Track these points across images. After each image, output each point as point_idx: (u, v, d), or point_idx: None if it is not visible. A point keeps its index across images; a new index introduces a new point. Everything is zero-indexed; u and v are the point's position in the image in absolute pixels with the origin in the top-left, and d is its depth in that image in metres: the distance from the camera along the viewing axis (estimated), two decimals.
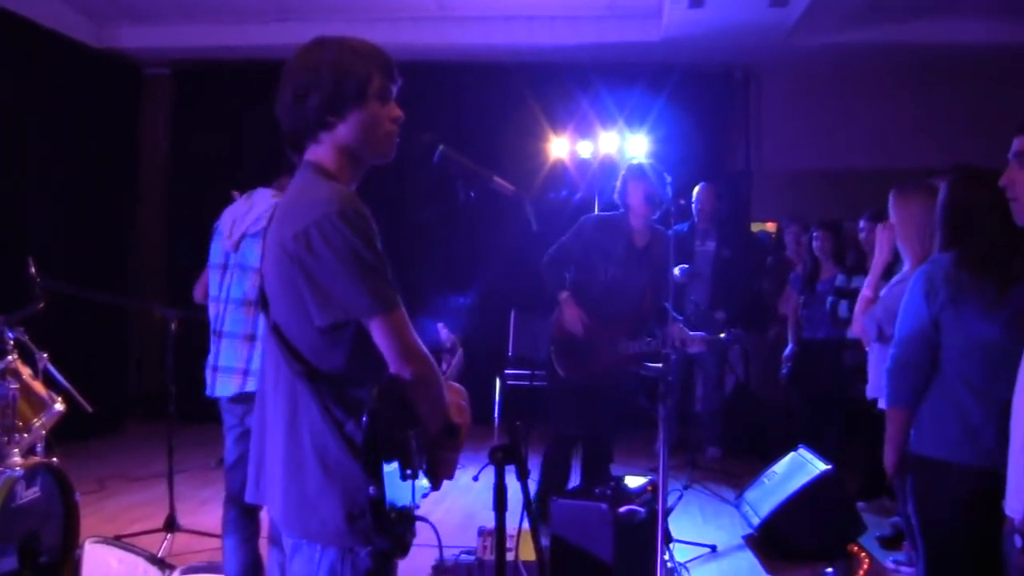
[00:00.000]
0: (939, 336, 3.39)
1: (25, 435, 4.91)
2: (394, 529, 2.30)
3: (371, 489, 2.25)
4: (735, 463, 8.11)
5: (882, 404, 4.70)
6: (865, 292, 4.65)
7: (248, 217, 4.53)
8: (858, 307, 4.65)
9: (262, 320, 4.53)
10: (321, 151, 2.49)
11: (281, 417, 2.41)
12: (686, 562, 5.77)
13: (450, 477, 2.57)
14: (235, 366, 4.46)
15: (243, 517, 4.57)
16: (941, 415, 3.39)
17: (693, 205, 8.49)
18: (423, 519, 2.43)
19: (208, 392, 4.56)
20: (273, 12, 9.13)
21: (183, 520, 5.88)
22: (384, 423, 2.27)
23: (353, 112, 2.45)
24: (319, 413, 2.33)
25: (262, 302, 2.51)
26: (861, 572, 5.60)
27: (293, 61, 2.50)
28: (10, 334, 5.06)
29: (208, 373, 4.55)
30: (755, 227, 10.26)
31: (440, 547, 2.87)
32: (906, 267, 4.41)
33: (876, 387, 4.61)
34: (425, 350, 2.38)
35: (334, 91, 2.43)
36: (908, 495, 3.54)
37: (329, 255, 2.27)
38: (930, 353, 3.42)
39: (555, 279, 5.81)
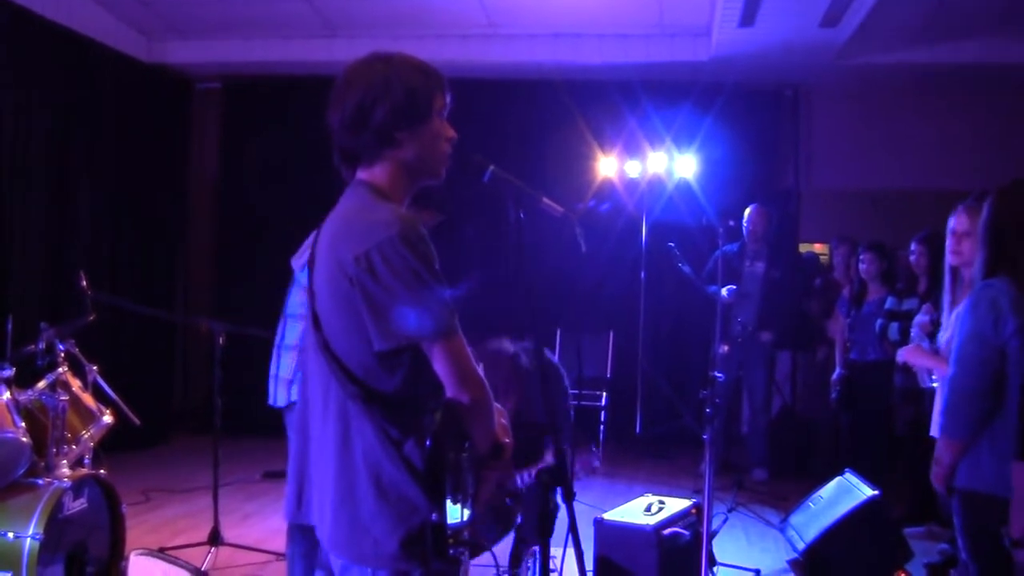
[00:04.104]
0: (1005, 366, 3.23)
1: (74, 446, 4.97)
2: (450, 552, 2.28)
3: (434, 515, 2.24)
4: (781, 485, 8.02)
5: (934, 431, 4.61)
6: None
7: None
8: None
9: (298, 330, 4.57)
10: (378, 169, 2.46)
11: (331, 438, 2.38)
12: None
13: (488, 496, 2.56)
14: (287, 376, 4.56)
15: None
16: (1003, 451, 3.24)
17: (744, 226, 8.43)
18: (481, 544, 2.42)
19: (270, 402, 4.67)
20: (320, 28, 9.21)
21: (227, 533, 5.90)
22: (445, 447, 2.27)
23: (419, 128, 2.43)
24: (373, 435, 2.30)
25: (313, 319, 2.45)
26: None
27: (353, 74, 2.45)
28: (61, 346, 5.12)
29: (271, 384, 4.66)
30: (803, 247, 10.19)
31: (497, 566, 2.86)
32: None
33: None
34: (481, 374, 2.36)
35: (404, 105, 2.40)
36: (960, 530, 3.43)
37: (392, 280, 2.25)
38: (996, 383, 3.26)
39: None
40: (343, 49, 8.99)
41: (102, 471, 5.03)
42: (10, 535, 4.32)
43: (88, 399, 5.24)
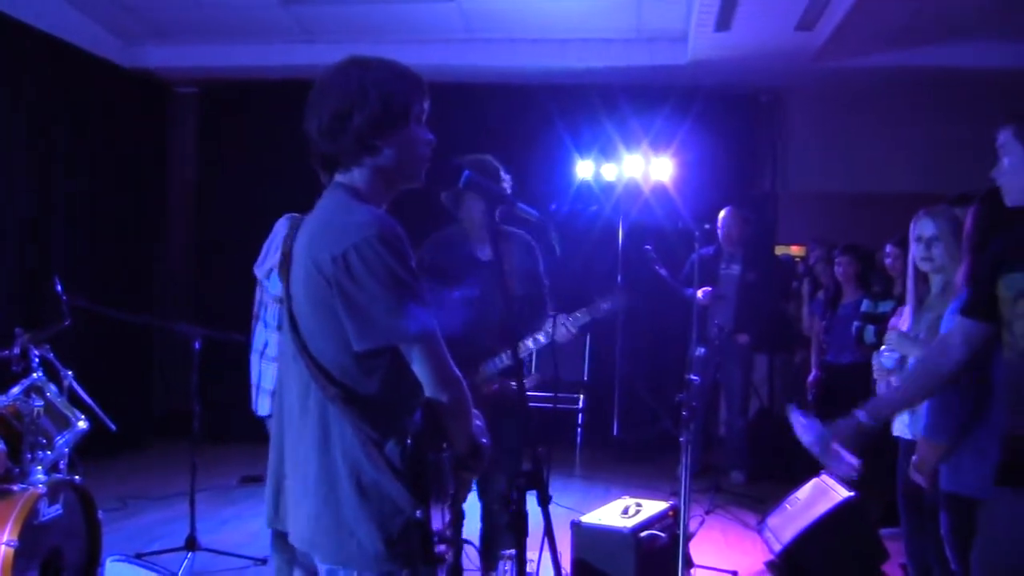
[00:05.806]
0: (989, 369, 3.20)
1: (49, 452, 4.94)
2: (435, 552, 2.28)
3: (418, 512, 2.24)
4: (758, 487, 8.04)
5: (906, 433, 4.62)
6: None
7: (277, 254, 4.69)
8: None
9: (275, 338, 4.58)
10: (357, 174, 2.45)
11: (310, 441, 2.38)
12: None
13: (465, 498, 2.56)
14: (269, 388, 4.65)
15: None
16: (986, 451, 3.19)
17: (719, 229, 8.45)
18: (468, 542, 2.42)
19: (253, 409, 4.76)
20: (300, 32, 9.18)
21: (204, 539, 5.88)
22: (425, 447, 2.27)
23: (396, 134, 2.42)
24: (353, 436, 2.30)
25: (290, 322, 2.44)
26: None
27: (331, 79, 2.44)
28: (36, 352, 5.09)
29: (254, 393, 4.75)
30: (779, 250, 10.22)
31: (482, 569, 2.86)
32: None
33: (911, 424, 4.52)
34: (459, 374, 2.37)
35: (381, 112, 2.39)
36: (946, 535, 3.42)
37: (370, 280, 2.25)
38: (979, 386, 3.25)
39: None
40: (322, 54, 8.93)
41: (77, 477, 5.00)
42: None
43: (63, 405, 5.21)
